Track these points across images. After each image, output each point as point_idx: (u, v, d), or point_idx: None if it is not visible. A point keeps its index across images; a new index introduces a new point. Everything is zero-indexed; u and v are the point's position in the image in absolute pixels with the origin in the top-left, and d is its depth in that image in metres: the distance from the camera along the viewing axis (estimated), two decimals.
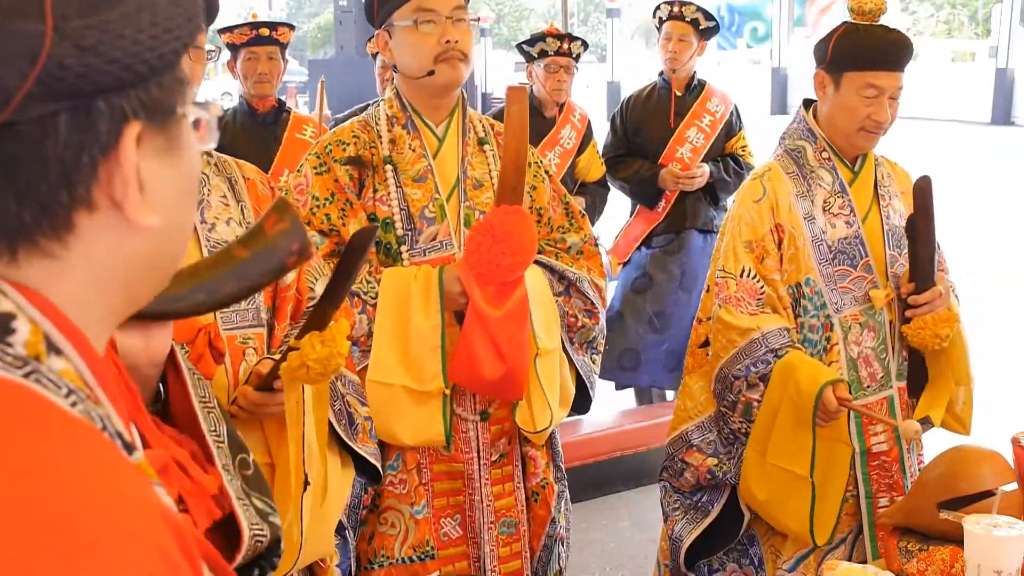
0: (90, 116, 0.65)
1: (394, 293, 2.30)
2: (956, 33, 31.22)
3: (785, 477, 2.37)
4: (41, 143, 0.64)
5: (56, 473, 0.59)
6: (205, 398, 1.36)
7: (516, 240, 2.26)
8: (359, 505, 2.42)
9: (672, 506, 2.64)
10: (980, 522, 1.76)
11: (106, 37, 0.64)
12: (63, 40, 0.63)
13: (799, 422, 2.33)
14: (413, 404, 2.30)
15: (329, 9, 25.46)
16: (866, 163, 2.57)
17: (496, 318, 2.26)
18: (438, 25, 2.32)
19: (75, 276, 0.69)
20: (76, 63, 0.63)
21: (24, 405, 0.62)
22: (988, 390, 4.99)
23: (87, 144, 0.66)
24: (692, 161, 4.57)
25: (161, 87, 0.69)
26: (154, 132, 0.69)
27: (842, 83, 2.45)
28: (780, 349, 2.38)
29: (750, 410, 2.42)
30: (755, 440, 2.42)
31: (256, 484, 1.34)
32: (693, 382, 2.58)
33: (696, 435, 2.56)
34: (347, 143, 2.39)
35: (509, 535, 2.50)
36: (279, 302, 1.97)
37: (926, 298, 2.42)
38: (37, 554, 0.55)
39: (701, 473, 2.54)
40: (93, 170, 0.66)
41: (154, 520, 0.62)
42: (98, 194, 0.67)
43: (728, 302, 2.44)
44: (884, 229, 2.52)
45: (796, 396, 2.33)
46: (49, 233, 0.67)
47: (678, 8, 4.57)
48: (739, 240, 2.46)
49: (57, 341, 0.67)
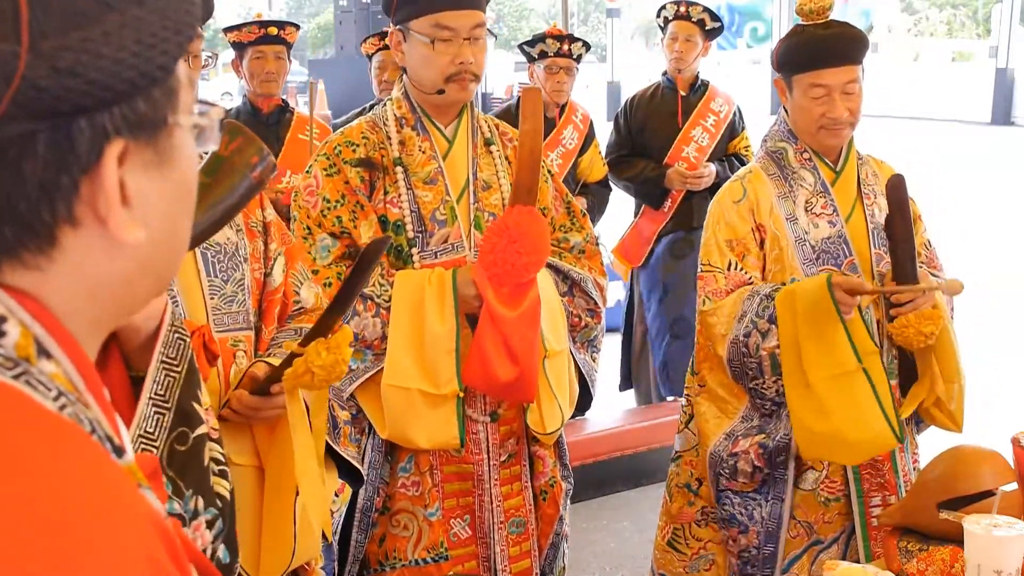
0: (70, 136, 0.64)
1: (408, 297, 2.30)
2: (956, 33, 31.23)
3: (836, 384, 2.31)
4: (19, 162, 0.63)
5: (43, 476, 0.59)
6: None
7: (531, 240, 2.26)
8: (372, 508, 2.41)
9: (746, 513, 2.49)
10: (980, 522, 1.75)
11: (84, 58, 0.63)
12: (38, 61, 0.61)
13: (824, 323, 2.30)
14: (429, 408, 2.30)
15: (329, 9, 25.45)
16: (848, 162, 2.57)
17: (510, 319, 2.26)
18: (453, 44, 2.30)
19: (62, 287, 0.68)
20: (52, 84, 0.62)
21: (13, 407, 0.62)
22: (988, 390, 4.99)
23: (67, 164, 0.64)
24: (698, 161, 4.57)
25: (149, 101, 0.67)
26: (141, 146, 0.68)
27: (793, 86, 2.48)
28: (771, 292, 2.39)
29: (776, 361, 2.38)
30: (790, 376, 2.35)
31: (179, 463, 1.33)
32: (715, 384, 2.53)
33: (740, 427, 2.48)
34: (357, 144, 2.37)
35: (518, 534, 2.51)
36: (266, 304, 1.98)
37: (908, 296, 2.41)
38: (22, 558, 0.55)
39: (754, 453, 2.44)
40: (74, 189, 0.65)
41: (141, 524, 0.62)
42: (81, 210, 0.66)
43: (715, 295, 2.45)
44: (869, 228, 2.52)
45: (809, 307, 2.31)
46: (33, 248, 0.66)
47: (684, 8, 4.56)
48: (720, 238, 2.47)
49: (47, 344, 0.66)
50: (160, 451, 1.30)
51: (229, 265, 1.89)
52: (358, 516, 2.40)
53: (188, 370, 1.35)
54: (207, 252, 1.86)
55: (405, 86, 2.44)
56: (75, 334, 0.69)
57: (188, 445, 1.34)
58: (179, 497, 1.32)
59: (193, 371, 1.36)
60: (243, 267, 1.92)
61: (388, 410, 2.29)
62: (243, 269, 1.92)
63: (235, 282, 1.90)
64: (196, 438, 1.35)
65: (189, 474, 1.33)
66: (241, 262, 1.92)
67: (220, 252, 1.88)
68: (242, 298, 1.91)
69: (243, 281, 1.91)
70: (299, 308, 2.03)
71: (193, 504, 1.33)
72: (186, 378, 1.35)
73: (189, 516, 1.32)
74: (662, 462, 3.30)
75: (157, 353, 1.31)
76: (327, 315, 1.72)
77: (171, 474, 1.32)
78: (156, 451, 1.31)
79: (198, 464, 1.35)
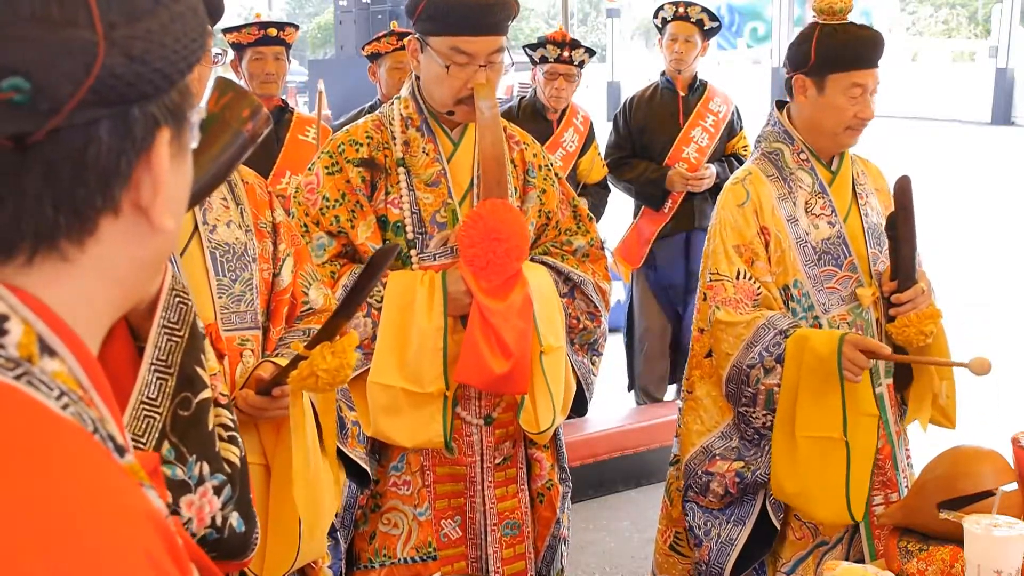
0: (127, 122, 0.67)
1: (399, 296, 2.30)
2: (956, 33, 31.23)
3: (818, 447, 2.33)
4: (84, 149, 0.65)
5: (43, 475, 0.59)
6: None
7: (508, 231, 2.27)
8: (354, 505, 2.42)
9: (703, 529, 2.54)
10: (980, 522, 1.75)
11: (151, 47, 0.66)
12: (114, 49, 0.64)
13: (825, 383, 2.31)
14: (412, 406, 2.30)
15: (329, 9, 25.46)
16: (844, 162, 2.58)
17: (500, 311, 2.26)
18: (468, 68, 2.28)
19: (80, 278, 0.69)
20: (127, 72, 0.65)
21: (14, 407, 0.62)
22: (988, 390, 4.99)
23: (125, 149, 0.67)
24: (699, 161, 4.57)
25: (180, 94, 0.71)
26: (173, 137, 0.71)
27: (827, 85, 2.45)
28: (788, 329, 2.38)
29: (771, 398, 2.39)
30: (781, 423, 2.38)
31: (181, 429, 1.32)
32: (703, 394, 2.54)
33: (719, 444, 2.50)
34: (360, 143, 2.37)
35: (512, 536, 2.51)
36: (274, 305, 1.99)
37: (909, 296, 2.42)
38: (23, 556, 0.55)
39: (728, 479, 2.47)
40: (128, 175, 0.68)
41: (141, 523, 0.62)
42: (125, 199, 0.68)
43: (726, 304, 2.44)
44: (864, 227, 2.53)
45: (815, 360, 2.31)
46: (74, 237, 0.68)
47: (683, 9, 4.56)
48: (727, 244, 2.46)
49: (51, 342, 0.67)
50: (163, 417, 1.29)
51: (237, 265, 1.90)
52: (341, 512, 2.41)
53: (190, 335, 1.33)
54: (216, 252, 1.87)
55: (414, 87, 2.43)
56: (82, 326, 0.70)
57: (191, 410, 1.32)
58: (182, 463, 1.30)
59: (196, 335, 1.34)
60: (252, 267, 1.93)
61: (372, 407, 2.29)
62: (252, 269, 1.93)
63: (243, 282, 1.91)
64: (199, 403, 1.33)
65: (192, 439, 1.32)
66: (250, 262, 1.92)
67: (229, 252, 1.89)
68: (250, 298, 1.92)
69: (251, 281, 1.92)
70: (308, 309, 2.04)
71: (198, 469, 1.31)
72: (188, 342, 1.33)
73: (195, 482, 1.30)
74: (662, 462, 3.30)
75: (158, 318, 1.29)
76: (333, 319, 1.72)
77: (174, 440, 1.30)
78: (159, 417, 1.29)
79: (202, 429, 1.34)
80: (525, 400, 2.40)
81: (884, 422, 2.52)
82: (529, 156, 2.51)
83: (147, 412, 1.28)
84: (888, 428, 2.52)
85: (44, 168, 0.65)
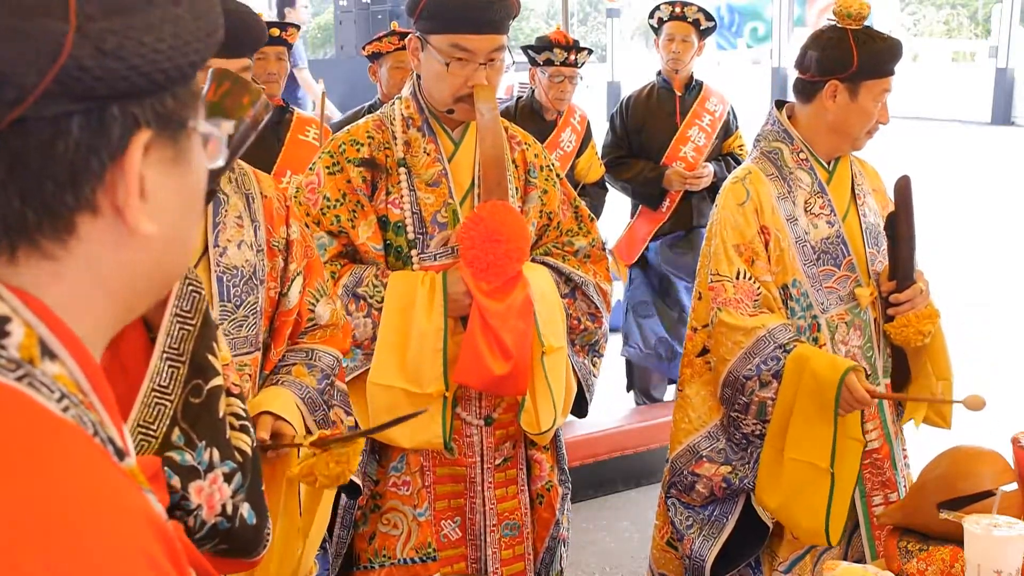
0: (103, 120, 0.66)
1: (400, 297, 2.30)
2: (956, 33, 31.20)
3: (804, 471, 2.36)
4: (52, 143, 0.65)
5: (43, 478, 0.59)
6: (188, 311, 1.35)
7: (508, 232, 2.27)
8: (354, 505, 2.42)
9: (685, 524, 2.58)
10: (980, 522, 1.75)
11: (127, 43, 0.65)
12: (84, 41, 0.63)
13: (819, 411, 2.32)
14: (411, 407, 2.30)
15: (329, 9, 25.41)
16: (841, 162, 2.58)
17: (499, 312, 2.26)
18: (468, 66, 2.27)
19: (73, 279, 0.69)
20: (95, 65, 0.63)
21: (15, 408, 0.62)
22: (987, 391, 4.99)
23: (97, 148, 0.66)
24: (696, 160, 4.58)
25: (175, 99, 0.70)
26: (164, 143, 0.70)
27: (860, 91, 2.45)
28: (788, 344, 2.38)
29: (764, 410, 2.41)
30: (772, 438, 2.40)
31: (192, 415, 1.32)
32: (693, 392, 2.55)
33: (705, 445, 2.52)
34: (361, 143, 2.37)
35: (512, 537, 2.51)
36: (278, 324, 1.98)
37: (908, 296, 2.43)
38: (22, 556, 0.55)
39: (715, 483, 2.49)
40: (100, 174, 0.67)
41: (141, 526, 0.62)
42: (102, 199, 0.67)
43: (728, 304, 2.43)
44: (862, 227, 2.53)
45: (814, 386, 2.32)
46: (50, 234, 0.67)
47: (680, 9, 4.57)
48: (728, 244, 2.46)
49: (52, 345, 0.67)
50: (174, 404, 1.29)
51: (244, 289, 1.89)
52: (340, 512, 2.41)
53: (203, 323, 1.34)
54: (223, 276, 1.86)
55: (415, 87, 2.43)
56: (83, 331, 0.69)
57: (202, 397, 1.32)
58: (191, 448, 1.30)
59: (208, 324, 1.34)
60: (259, 290, 1.92)
61: (372, 408, 2.29)
62: (258, 292, 1.92)
63: (248, 306, 1.90)
64: (210, 390, 1.33)
65: (202, 425, 1.32)
66: (257, 285, 1.92)
67: (236, 275, 1.88)
68: (253, 321, 1.91)
69: (256, 305, 1.92)
70: (313, 324, 2.03)
71: (208, 456, 1.31)
72: (200, 331, 1.33)
73: (204, 468, 1.30)
74: (662, 462, 3.29)
75: (171, 306, 1.30)
76: (355, 436, 1.77)
77: (184, 426, 1.30)
78: (170, 404, 1.29)
79: (213, 416, 1.33)
80: (526, 401, 2.40)
81: (882, 422, 2.53)
82: (530, 156, 2.51)
83: (158, 399, 1.29)
84: (886, 428, 2.53)
85: (9, 159, 0.64)
